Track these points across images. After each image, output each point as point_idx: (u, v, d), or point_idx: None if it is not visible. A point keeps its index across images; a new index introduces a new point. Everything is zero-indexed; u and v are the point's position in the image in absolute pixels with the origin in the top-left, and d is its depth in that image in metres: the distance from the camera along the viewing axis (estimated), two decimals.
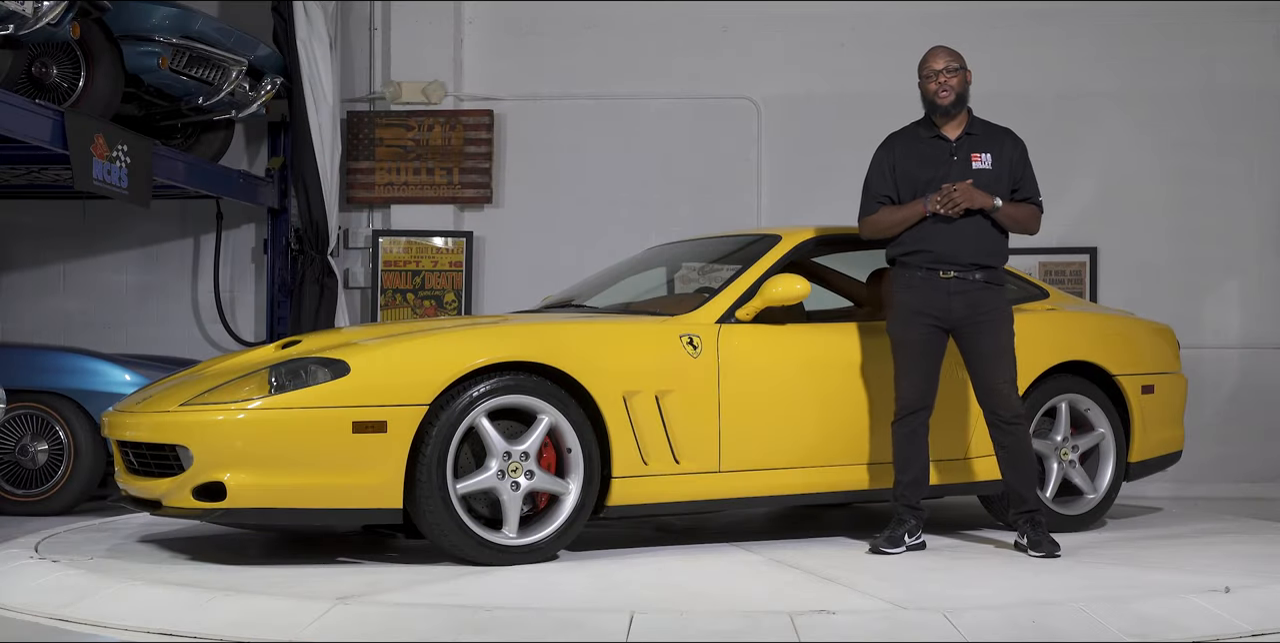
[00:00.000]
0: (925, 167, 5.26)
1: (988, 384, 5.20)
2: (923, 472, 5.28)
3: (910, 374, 5.23)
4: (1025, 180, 5.33)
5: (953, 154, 5.26)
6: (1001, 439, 5.22)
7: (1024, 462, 5.24)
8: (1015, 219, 5.28)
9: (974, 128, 5.33)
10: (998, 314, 5.21)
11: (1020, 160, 5.33)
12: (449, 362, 4.74)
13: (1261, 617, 4.11)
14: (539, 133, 9.18)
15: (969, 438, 5.67)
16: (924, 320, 5.21)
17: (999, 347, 5.20)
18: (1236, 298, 8.80)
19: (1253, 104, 8.84)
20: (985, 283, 5.21)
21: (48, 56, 6.88)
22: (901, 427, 5.24)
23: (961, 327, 5.21)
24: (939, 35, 8.82)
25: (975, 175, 5.23)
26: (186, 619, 3.98)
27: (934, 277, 5.20)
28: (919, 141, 5.34)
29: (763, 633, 3.75)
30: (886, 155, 5.37)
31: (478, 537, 4.73)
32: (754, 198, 9.05)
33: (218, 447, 4.57)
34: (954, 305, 5.18)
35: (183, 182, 7.98)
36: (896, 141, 5.39)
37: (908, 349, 5.24)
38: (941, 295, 5.19)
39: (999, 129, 5.40)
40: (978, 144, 5.29)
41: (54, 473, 7.00)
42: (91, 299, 9.34)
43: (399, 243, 8.99)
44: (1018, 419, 5.20)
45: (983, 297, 5.20)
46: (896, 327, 5.29)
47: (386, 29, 9.18)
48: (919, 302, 5.21)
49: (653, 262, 6.55)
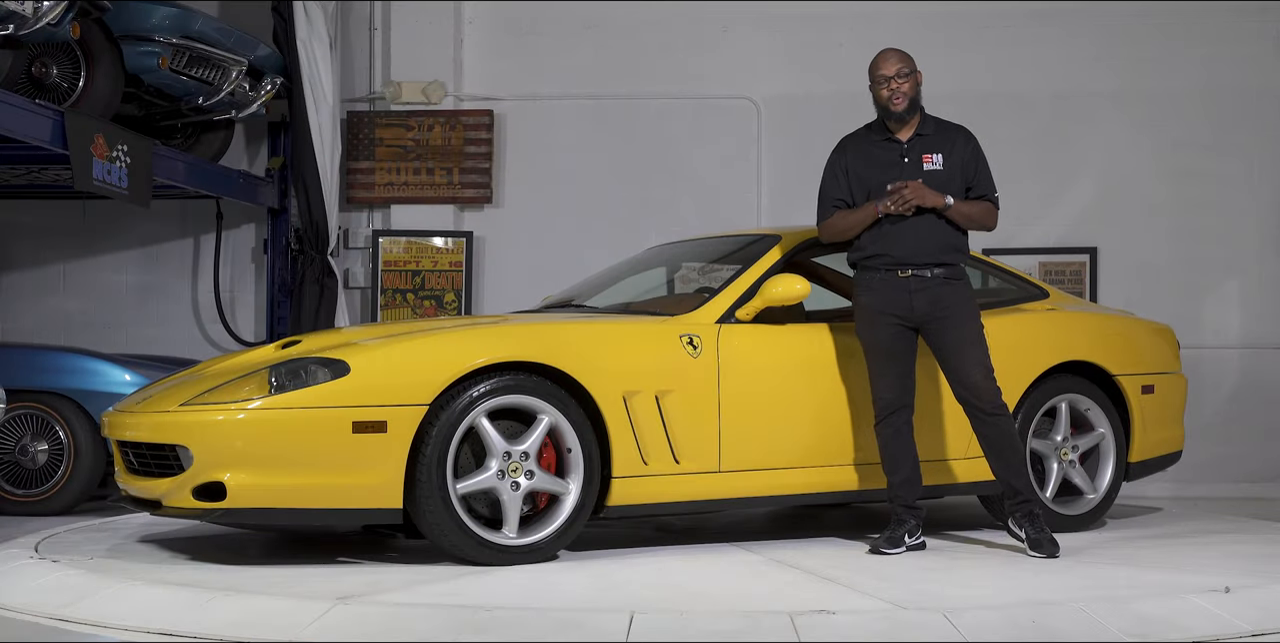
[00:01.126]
0: (877, 169, 5.30)
1: (960, 376, 5.20)
2: (913, 471, 5.29)
3: (884, 375, 5.25)
4: (980, 177, 5.35)
5: (904, 156, 5.29)
6: (983, 430, 5.21)
7: (1009, 450, 5.21)
8: (969, 217, 5.30)
9: (926, 128, 5.34)
10: (960, 308, 5.23)
11: (972, 157, 5.34)
12: (449, 362, 4.74)
13: (1261, 617, 4.11)
14: (539, 133, 9.18)
15: (967, 438, 5.66)
16: (888, 320, 5.24)
17: (965, 338, 5.20)
18: (1236, 298, 8.80)
19: (1253, 104, 8.84)
20: (945, 279, 5.24)
21: (48, 56, 6.88)
22: (885, 428, 5.26)
23: (926, 323, 5.24)
24: (939, 35, 8.88)
25: (926, 177, 5.25)
26: (186, 619, 3.98)
27: (893, 277, 5.24)
28: (871, 144, 5.37)
29: (763, 633, 3.75)
30: (839, 159, 5.41)
31: (478, 537, 4.73)
32: (754, 198, 9.05)
33: (218, 447, 4.57)
34: (915, 303, 5.21)
35: (183, 182, 7.98)
36: (848, 145, 5.43)
37: (877, 350, 5.27)
38: (902, 294, 5.22)
39: (952, 127, 5.40)
40: (929, 145, 5.31)
41: (54, 473, 7.00)
42: (91, 299, 9.34)
43: (399, 243, 8.99)
44: (998, 409, 5.18)
45: (942, 292, 5.22)
46: (863, 330, 5.32)
47: (386, 29, 9.18)
48: (880, 302, 5.25)
49: (653, 262, 6.55)
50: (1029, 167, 8.79)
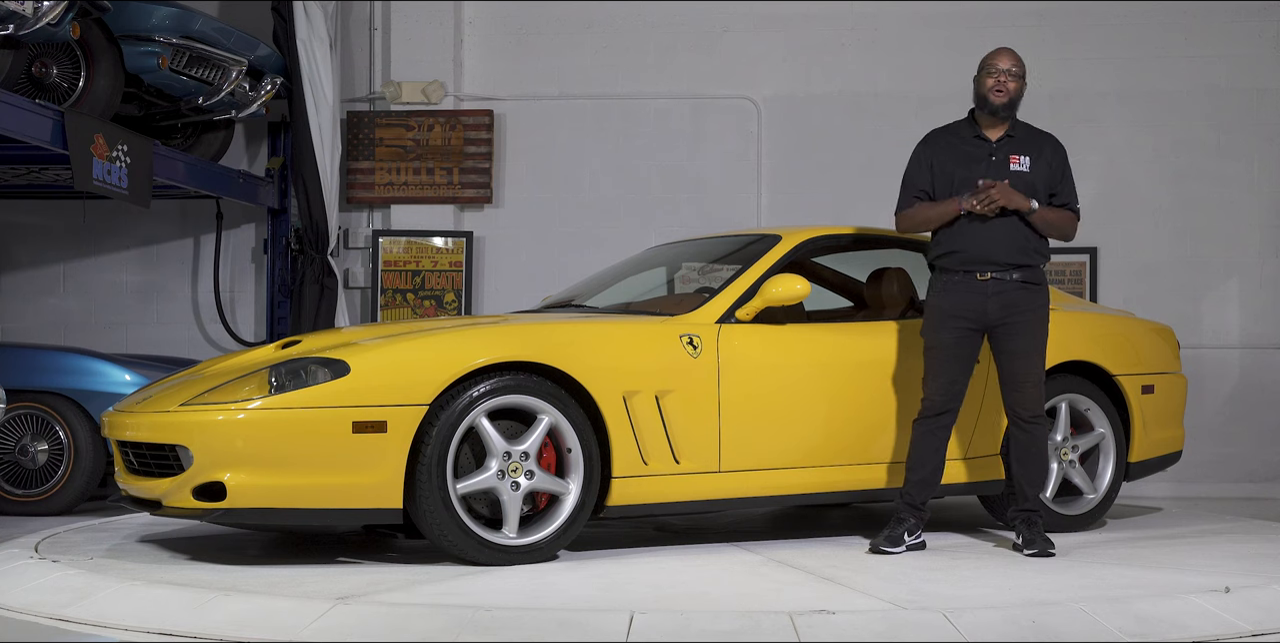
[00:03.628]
0: (963, 165, 5.25)
1: (1014, 382, 5.19)
2: (933, 473, 5.27)
3: (940, 377, 5.21)
4: (1064, 186, 5.32)
5: (992, 155, 5.26)
6: (1017, 436, 5.24)
7: (1035, 459, 5.24)
8: (1051, 223, 5.26)
9: (1016, 130, 5.32)
10: (1033, 314, 5.20)
11: (1060, 166, 5.31)
12: (449, 362, 4.74)
13: (1261, 617, 4.11)
14: (539, 133, 9.18)
15: (970, 438, 5.67)
16: (957, 323, 5.20)
17: (1031, 346, 5.19)
18: (1236, 298, 8.80)
19: (1253, 104, 8.84)
20: (1023, 282, 5.20)
21: (48, 56, 6.88)
22: (922, 425, 5.24)
23: (996, 326, 5.20)
24: (939, 35, 8.89)
25: (1012, 177, 5.21)
26: (186, 619, 3.98)
27: (971, 279, 5.19)
28: (959, 140, 5.33)
29: (763, 633, 3.75)
30: (926, 151, 5.37)
31: (478, 537, 4.73)
32: (754, 198, 9.05)
33: (218, 447, 4.57)
34: (989, 307, 5.18)
35: (183, 182, 7.98)
36: (937, 139, 5.39)
37: (940, 352, 5.23)
38: (978, 298, 5.19)
39: (1041, 133, 5.38)
40: (1017, 147, 5.28)
41: (54, 473, 7.00)
42: (91, 299, 9.34)
43: (399, 243, 8.99)
44: (1037, 419, 5.22)
45: (1019, 296, 5.19)
46: (929, 330, 5.28)
47: (386, 29, 9.18)
48: (953, 305, 5.21)
49: (653, 262, 6.55)
50: None
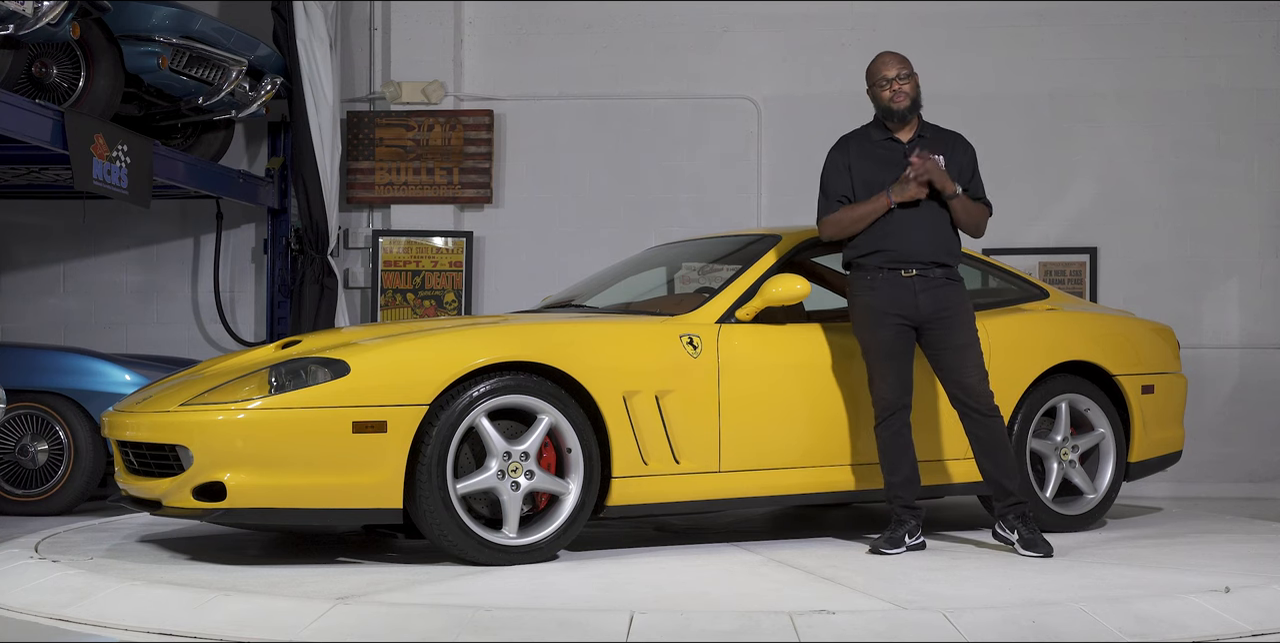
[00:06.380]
0: (881, 169, 5.31)
1: (958, 378, 5.21)
2: (913, 470, 5.28)
3: (886, 375, 5.24)
4: (975, 182, 5.40)
5: (906, 156, 5.30)
6: (976, 431, 5.22)
7: (1000, 450, 5.22)
8: (969, 213, 5.32)
9: (925, 131, 5.39)
10: (961, 308, 5.26)
11: (969, 164, 5.38)
12: (449, 362, 4.74)
13: (1261, 617, 4.11)
14: (539, 133, 9.19)
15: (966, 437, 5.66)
16: (892, 320, 5.23)
17: (970, 338, 5.24)
18: (1236, 298, 8.80)
19: (1253, 104, 8.84)
20: (947, 279, 5.27)
21: (48, 56, 6.88)
22: (885, 429, 5.25)
23: (928, 323, 5.24)
24: (939, 35, 8.89)
25: None
26: (186, 619, 3.98)
27: (896, 276, 5.24)
28: (872, 144, 5.38)
29: (763, 633, 3.75)
30: (841, 156, 5.40)
31: (478, 537, 4.73)
32: (754, 198, 9.05)
33: (218, 447, 4.57)
34: (921, 303, 5.22)
35: (183, 182, 7.98)
36: (850, 143, 5.43)
37: (879, 350, 5.25)
38: (908, 294, 5.22)
39: (949, 133, 5.45)
40: (930, 146, 5.33)
41: (54, 473, 7.01)
42: (91, 299, 9.34)
43: (399, 243, 8.99)
44: (994, 411, 5.21)
45: (946, 293, 5.25)
46: (864, 330, 5.30)
47: (386, 29, 9.18)
48: (884, 302, 5.24)
49: (653, 262, 6.55)
50: (1029, 166, 8.80)
